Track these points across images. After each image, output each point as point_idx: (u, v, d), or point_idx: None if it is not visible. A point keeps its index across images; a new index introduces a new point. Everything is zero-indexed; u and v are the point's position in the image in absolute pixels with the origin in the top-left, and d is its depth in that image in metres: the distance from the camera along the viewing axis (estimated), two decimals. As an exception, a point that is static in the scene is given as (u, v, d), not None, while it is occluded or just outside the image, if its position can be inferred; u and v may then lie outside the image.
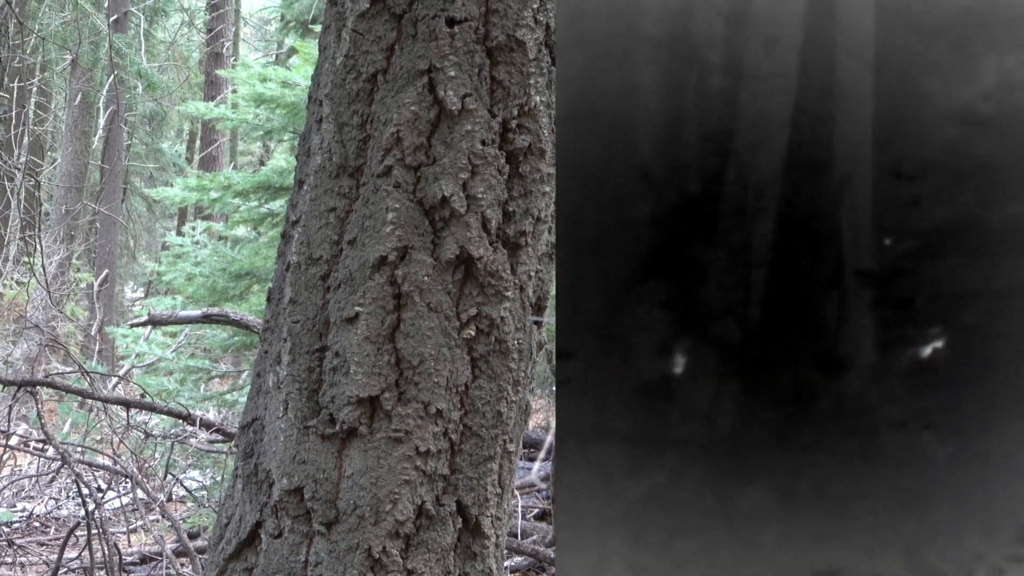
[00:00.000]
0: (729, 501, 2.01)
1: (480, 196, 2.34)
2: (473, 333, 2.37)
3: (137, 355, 9.62)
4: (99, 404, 7.14)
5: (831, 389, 1.98)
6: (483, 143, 2.35)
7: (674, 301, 2.00)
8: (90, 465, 6.91)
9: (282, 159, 8.63)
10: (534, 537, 6.70)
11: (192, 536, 7.68)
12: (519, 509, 6.79)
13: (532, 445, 8.61)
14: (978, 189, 1.98)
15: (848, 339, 1.98)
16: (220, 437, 7.33)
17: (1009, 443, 1.99)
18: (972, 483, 2.00)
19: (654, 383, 2.02)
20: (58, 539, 7.71)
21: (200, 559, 6.16)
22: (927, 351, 1.97)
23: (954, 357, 1.97)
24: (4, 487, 8.76)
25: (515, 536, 6.48)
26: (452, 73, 2.33)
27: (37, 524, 9.00)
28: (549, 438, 8.29)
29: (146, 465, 8.08)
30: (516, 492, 6.59)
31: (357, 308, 2.34)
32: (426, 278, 2.33)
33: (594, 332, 2.03)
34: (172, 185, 9.43)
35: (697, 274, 2.00)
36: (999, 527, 2.00)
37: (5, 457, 6.91)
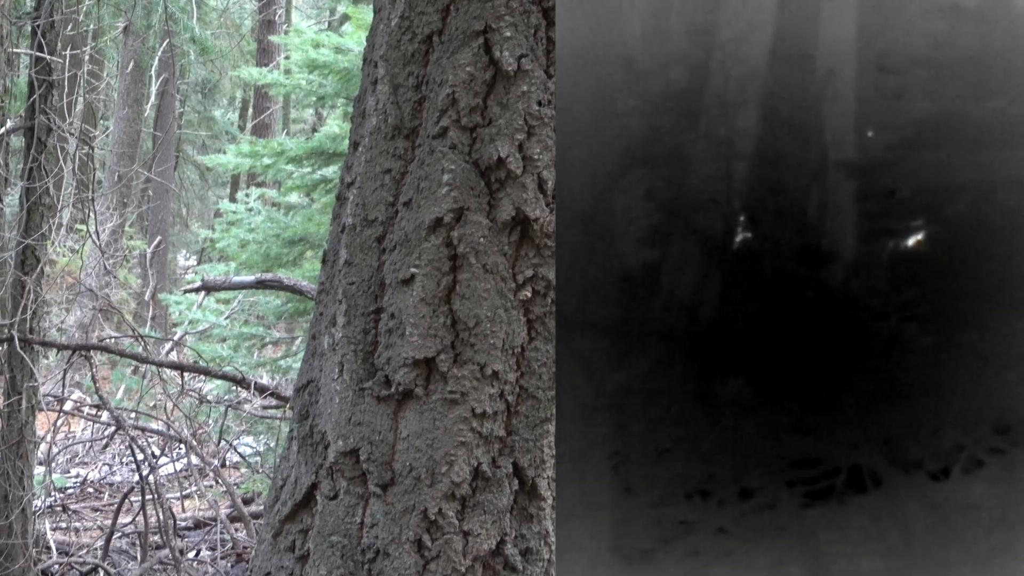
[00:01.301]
0: (710, 392, 2.01)
1: (536, 157, 2.33)
2: (529, 295, 2.35)
3: (190, 322, 9.67)
4: (153, 369, 7.19)
5: (813, 280, 1.97)
6: (539, 104, 2.33)
7: (658, 192, 1.99)
8: (144, 430, 6.97)
9: (335, 125, 8.62)
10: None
11: (246, 501, 7.75)
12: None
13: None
14: (963, 83, 1.96)
15: (830, 231, 1.97)
16: (274, 403, 7.37)
17: (989, 335, 1.99)
18: (952, 375, 1.99)
19: (637, 273, 2.00)
20: (112, 504, 7.78)
21: (254, 524, 6.21)
22: (910, 243, 1.96)
23: (937, 249, 1.97)
24: (58, 452, 8.84)
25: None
26: (508, 34, 2.31)
27: (91, 490, 9.10)
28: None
29: (200, 431, 8.13)
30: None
31: (413, 270, 2.33)
32: (482, 239, 2.32)
33: (578, 222, 2.01)
34: (225, 153, 9.46)
35: (681, 165, 1.98)
36: (979, 419, 2.00)
37: (60, 423, 6.97)
